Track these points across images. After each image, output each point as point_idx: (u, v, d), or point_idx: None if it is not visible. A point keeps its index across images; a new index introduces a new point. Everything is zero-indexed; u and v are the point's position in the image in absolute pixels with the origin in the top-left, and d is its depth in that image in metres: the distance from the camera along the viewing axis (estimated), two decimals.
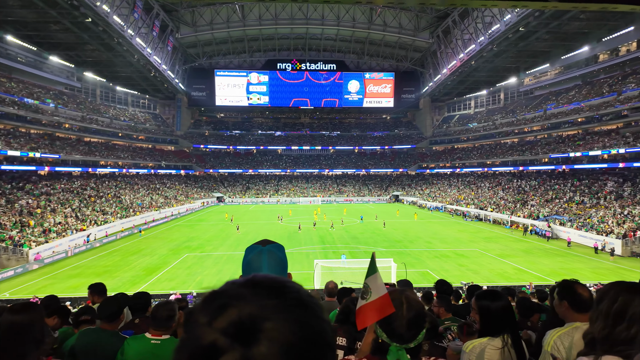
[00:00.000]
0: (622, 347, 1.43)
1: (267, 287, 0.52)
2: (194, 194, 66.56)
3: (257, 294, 0.50)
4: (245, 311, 0.47)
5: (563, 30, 48.46)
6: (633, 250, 28.57)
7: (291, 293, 0.53)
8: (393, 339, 1.47)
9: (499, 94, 74.87)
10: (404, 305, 1.50)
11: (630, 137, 41.63)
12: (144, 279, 23.27)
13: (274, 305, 0.49)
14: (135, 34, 46.09)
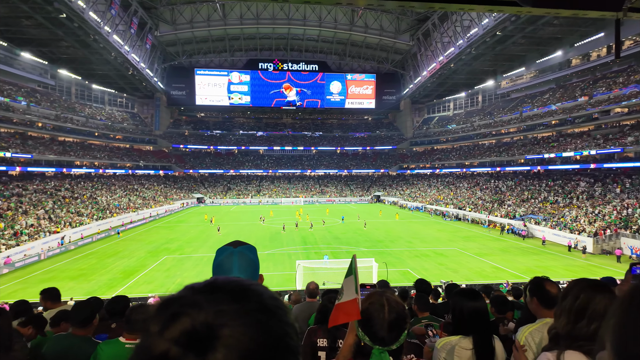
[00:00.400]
0: (583, 343, 1.49)
1: (228, 292, 0.50)
2: (173, 195, 65.36)
3: (215, 300, 0.49)
4: (200, 319, 0.45)
5: (538, 35, 50.06)
6: (603, 248, 29.70)
7: (253, 297, 0.51)
8: (375, 342, 1.46)
9: (477, 96, 76.58)
10: (385, 307, 1.49)
11: (600, 139, 43.27)
12: (122, 282, 22.70)
13: (233, 311, 0.47)
14: (112, 31, 44.95)
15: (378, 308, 1.49)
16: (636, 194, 34.97)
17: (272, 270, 24.45)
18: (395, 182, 78.32)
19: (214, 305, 0.47)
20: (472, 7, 2.71)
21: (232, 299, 0.49)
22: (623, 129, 42.37)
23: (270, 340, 0.48)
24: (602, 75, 50.76)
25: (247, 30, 66.65)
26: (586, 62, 52.73)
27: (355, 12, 63.04)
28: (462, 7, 2.70)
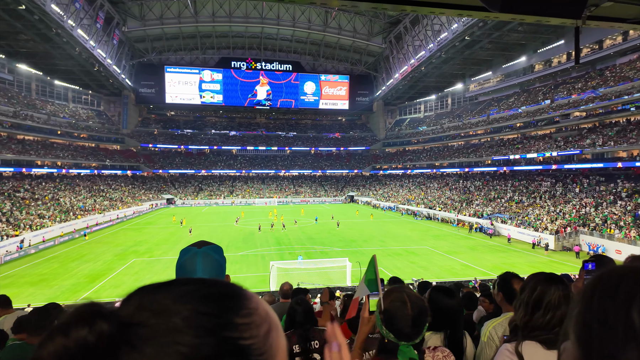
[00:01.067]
0: (539, 333, 1.57)
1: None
2: (141, 196, 63.30)
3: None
4: (79, 335, 0.39)
5: (503, 40, 52.12)
6: (564, 245, 31.26)
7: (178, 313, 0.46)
8: (401, 338, 1.48)
9: (446, 99, 78.72)
10: (407, 304, 1.51)
11: (561, 141, 45.49)
12: (86, 286, 21.77)
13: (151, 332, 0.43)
14: (76, 25, 43.02)
15: (400, 305, 1.52)
16: (593, 194, 37.01)
17: (246, 271, 24.17)
18: (368, 183, 79.25)
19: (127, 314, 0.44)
20: (443, 11, 2.78)
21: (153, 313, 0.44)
22: (581, 132, 44.72)
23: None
24: (563, 81, 53.41)
25: (219, 28, 65.59)
26: (548, 68, 55.33)
27: (329, 13, 63.36)
28: (432, 11, 2.76)
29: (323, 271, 23.77)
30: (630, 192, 33.75)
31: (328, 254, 28.24)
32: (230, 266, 24.70)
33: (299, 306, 2.97)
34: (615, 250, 26.88)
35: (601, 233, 29.92)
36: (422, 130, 76.62)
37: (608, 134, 40.20)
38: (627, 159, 37.01)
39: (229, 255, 24.31)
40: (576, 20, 2.73)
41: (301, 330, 2.88)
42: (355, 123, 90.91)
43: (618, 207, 32.69)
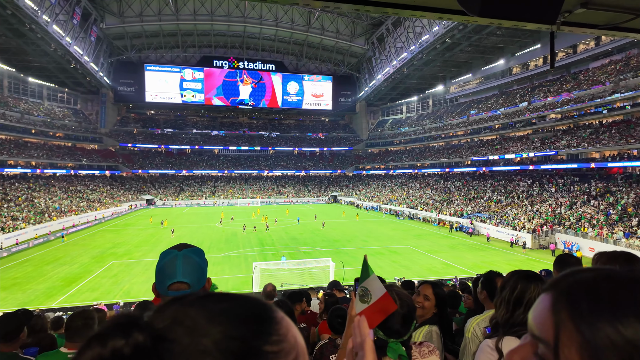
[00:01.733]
0: (519, 328, 1.63)
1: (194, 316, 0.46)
2: (120, 197, 61.84)
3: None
4: (117, 345, 0.40)
5: (483, 44, 53.36)
6: (540, 243, 32.17)
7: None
8: (391, 335, 1.51)
9: (427, 100, 79.90)
10: (397, 302, 1.54)
11: (537, 142, 46.81)
12: (62, 290, 21.12)
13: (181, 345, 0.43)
14: (51, 21, 41.73)
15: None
16: (568, 193, 38.23)
17: (228, 273, 23.92)
18: (351, 183, 79.65)
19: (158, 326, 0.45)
20: (424, 14, 2.83)
21: (188, 328, 0.45)
22: (557, 134, 46.13)
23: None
24: (539, 84, 54.99)
25: (200, 26, 64.75)
26: (525, 71, 56.88)
27: (312, 14, 63.41)
28: (414, 14, 2.81)
29: (306, 271, 23.75)
30: (603, 192, 35.01)
31: (311, 254, 28.24)
32: (213, 267, 24.45)
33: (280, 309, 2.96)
34: (589, 248, 27.84)
35: (575, 231, 30.93)
36: (404, 131, 77.57)
37: (582, 135, 41.61)
38: (599, 159, 38.38)
39: (210, 257, 23.80)
40: (551, 25, 2.82)
41: None
42: (338, 123, 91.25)
43: (591, 206, 33.86)
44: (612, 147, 36.58)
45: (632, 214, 29.76)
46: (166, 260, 1.35)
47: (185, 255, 1.36)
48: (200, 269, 1.38)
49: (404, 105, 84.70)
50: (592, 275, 0.46)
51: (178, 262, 1.33)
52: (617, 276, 0.45)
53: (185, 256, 1.36)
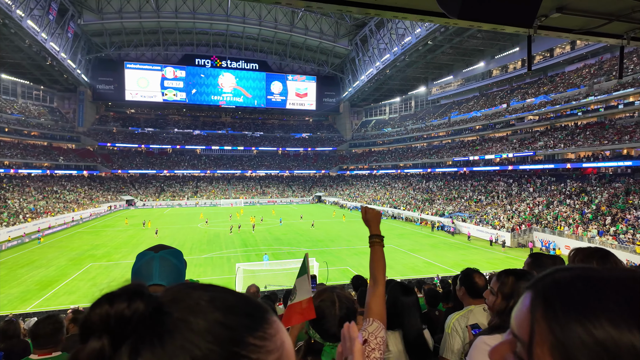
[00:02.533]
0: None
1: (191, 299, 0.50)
2: (99, 197, 60.30)
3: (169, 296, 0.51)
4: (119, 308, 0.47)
5: (463, 46, 54.37)
6: (519, 242, 32.98)
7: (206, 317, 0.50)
8: (327, 338, 1.46)
9: (410, 101, 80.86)
10: (336, 303, 1.50)
11: (516, 143, 47.97)
12: (37, 294, 20.44)
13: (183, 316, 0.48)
14: (26, 16, 40.35)
15: (329, 305, 1.50)
16: (545, 193, 39.31)
17: (211, 274, 23.62)
18: (335, 183, 79.86)
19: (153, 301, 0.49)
20: (405, 16, 2.86)
21: (188, 309, 0.49)
22: (534, 135, 47.38)
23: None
24: (518, 86, 56.38)
25: (182, 24, 63.80)
26: (504, 73, 58.22)
27: (296, 14, 63.32)
28: (396, 15, 2.84)
29: (290, 272, 23.65)
30: (578, 192, 36.15)
31: (295, 255, 28.16)
32: (195, 269, 24.14)
33: None
34: (565, 246, 28.69)
35: (552, 230, 31.84)
36: (387, 131, 78.30)
37: (558, 136, 42.86)
38: (575, 160, 39.62)
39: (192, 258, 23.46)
40: (528, 29, 2.90)
41: None
42: (322, 124, 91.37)
43: (567, 205, 34.91)
44: (586, 148, 37.81)
45: (606, 213, 30.83)
46: (142, 262, 1.32)
47: (162, 257, 1.33)
48: (177, 271, 1.35)
49: (387, 106, 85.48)
50: (569, 275, 0.46)
51: (155, 264, 1.30)
52: (593, 277, 0.45)
53: (162, 258, 1.33)
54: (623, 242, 26.46)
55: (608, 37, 3.33)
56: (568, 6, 2.78)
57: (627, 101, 37.20)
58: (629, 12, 2.86)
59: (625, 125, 36.93)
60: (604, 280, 0.44)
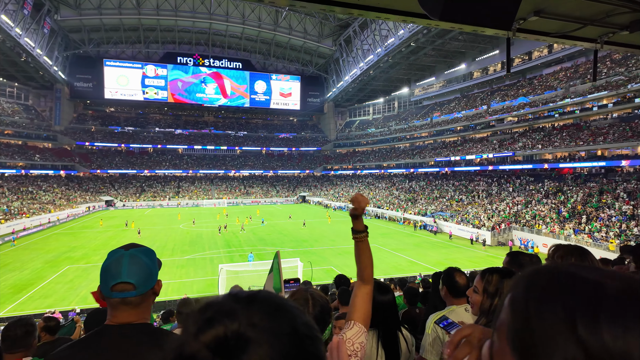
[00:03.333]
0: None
1: (264, 307, 0.51)
2: (77, 198, 58.68)
3: (250, 312, 0.50)
4: (232, 329, 0.47)
5: (445, 48, 55.21)
6: (499, 240, 33.71)
7: (286, 318, 0.52)
8: None
9: (393, 102, 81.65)
10: (309, 302, 1.50)
11: (496, 144, 49.02)
12: (11, 298, 19.75)
13: (265, 329, 0.48)
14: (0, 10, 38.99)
15: (303, 303, 1.49)
16: (524, 192, 40.30)
17: (193, 275, 23.30)
18: (320, 183, 79.91)
19: (248, 317, 0.49)
20: (388, 17, 2.88)
21: (267, 315, 0.50)
22: (514, 136, 48.50)
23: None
24: (498, 88, 57.64)
25: (164, 21, 62.73)
26: (485, 75, 59.44)
27: (280, 13, 63.07)
28: (379, 16, 2.86)
29: None
30: (555, 191, 37.19)
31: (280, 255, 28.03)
32: (176, 270, 23.77)
33: None
34: (543, 244, 29.48)
35: (530, 229, 32.67)
36: (371, 132, 78.87)
37: (536, 137, 44.00)
38: (552, 160, 40.76)
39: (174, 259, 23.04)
40: (507, 31, 2.96)
41: None
42: (306, 124, 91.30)
43: (544, 204, 35.88)
44: (563, 149, 38.94)
45: (581, 212, 31.82)
46: (112, 260, 1.29)
47: (133, 255, 1.30)
48: (148, 270, 1.32)
49: (370, 106, 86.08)
50: (545, 278, 0.47)
51: (124, 262, 1.27)
52: (567, 280, 0.45)
53: (132, 255, 1.30)
54: (597, 240, 27.36)
55: (583, 40, 3.44)
56: (545, 10, 2.85)
57: (601, 103, 38.53)
58: (602, 17, 2.96)
59: (599, 126, 38.20)
60: (570, 275, 0.45)
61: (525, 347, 0.43)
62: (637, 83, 34.89)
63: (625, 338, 0.39)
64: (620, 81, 37.05)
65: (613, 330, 0.39)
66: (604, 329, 0.40)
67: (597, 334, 0.40)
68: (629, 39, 3.40)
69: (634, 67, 37.12)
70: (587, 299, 0.42)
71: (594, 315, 0.41)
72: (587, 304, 0.42)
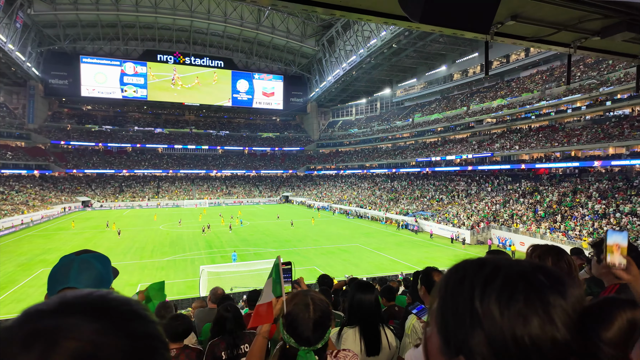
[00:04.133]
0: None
1: (83, 312, 0.45)
2: (52, 199, 56.83)
3: (77, 321, 0.44)
4: (73, 344, 0.41)
5: (426, 50, 56.01)
6: (478, 239, 34.44)
7: (116, 308, 0.48)
8: (301, 343, 1.41)
9: (376, 103, 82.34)
10: (310, 306, 1.45)
11: (475, 145, 50.06)
12: None
13: (99, 329, 0.44)
14: None
15: (303, 308, 1.45)
16: (502, 192, 41.29)
17: (173, 277, 22.90)
18: (303, 183, 79.83)
19: (79, 325, 0.43)
20: (370, 18, 2.91)
21: (94, 316, 0.45)
22: (492, 137, 49.64)
23: (137, 351, 0.46)
24: (477, 90, 58.87)
25: (143, 18, 61.40)
26: (465, 77, 60.61)
27: (262, 12, 62.69)
28: (360, 17, 2.88)
29: (256, 273, 23.39)
30: (531, 191, 38.26)
31: (262, 255, 27.89)
32: (156, 272, 23.34)
33: (228, 313, 2.94)
34: (520, 242, 30.29)
35: (508, 227, 33.50)
36: (354, 132, 79.34)
37: (514, 139, 45.15)
38: (529, 161, 41.90)
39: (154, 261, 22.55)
40: (485, 35, 3.03)
41: (230, 337, 2.85)
42: (289, 123, 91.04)
43: (521, 204, 36.86)
44: (539, 149, 40.09)
45: (556, 211, 32.84)
46: (61, 265, 1.24)
47: (84, 260, 1.25)
48: (99, 276, 1.26)
49: (353, 107, 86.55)
50: (462, 265, 0.56)
51: (73, 267, 1.22)
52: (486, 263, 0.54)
53: (82, 261, 1.25)
54: (571, 238, 28.29)
55: (557, 45, 3.56)
56: (521, 15, 2.94)
57: (575, 106, 39.85)
58: (575, 23, 3.07)
59: (573, 128, 39.50)
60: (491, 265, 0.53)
61: (444, 325, 0.52)
62: (608, 87, 36.26)
63: (510, 310, 0.46)
64: (592, 84, 38.44)
65: (498, 304, 0.47)
66: (491, 302, 0.48)
67: (488, 309, 0.47)
68: (600, 44, 3.54)
69: (605, 72, 38.56)
70: (485, 279, 0.50)
71: (486, 290, 0.49)
72: (484, 281, 0.50)
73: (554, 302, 0.47)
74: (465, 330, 0.48)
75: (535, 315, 0.46)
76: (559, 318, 0.46)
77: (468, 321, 0.48)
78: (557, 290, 0.48)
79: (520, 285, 0.48)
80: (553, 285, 0.49)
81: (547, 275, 0.50)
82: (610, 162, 33.73)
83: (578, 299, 0.49)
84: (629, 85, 33.91)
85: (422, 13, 2.01)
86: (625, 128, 33.58)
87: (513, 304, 0.47)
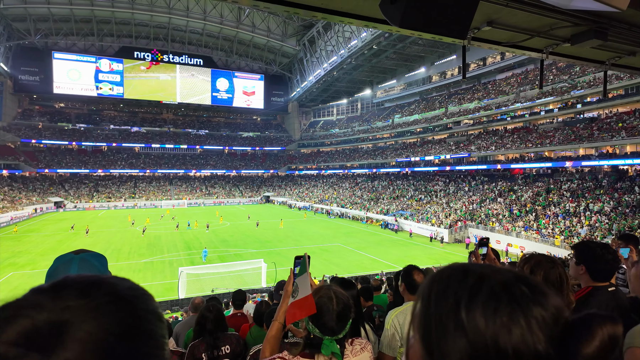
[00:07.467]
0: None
1: (75, 288, 0.48)
2: (22, 199, 54.62)
3: (60, 298, 0.47)
4: (42, 318, 0.44)
5: (406, 52, 56.84)
6: (456, 238, 35.19)
7: (103, 289, 0.49)
8: (325, 332, 1.53)
9: (356, 103, 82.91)
10: (333, 299, 1.57)
11: (453, 145, 51.09)
12: None
13: (81, 306, 0.46)
14: None
15: (327, 301, 1.57)
16: (478, 191, 42.31)
17: (151, 280, 22.43)
18: (284, 183, 79.53)
19: (59, 303, 0.46)
20: (351, 21, 2.95)
21: (80, 294, 0.48)
22: (469, 138, 50.78)
23: (126, 328, 0.47)
24: (455, 92, 60.09)
25: (119, 14, 59.81)
26: (443, 79, 61.77)
27: (242, 10, 62.15)
28: (342, 20, 2.92)
29: (237, 274, 23.19)
30: (507, 190, 39.35)
31: (243, 256, 27.66)
32: (133, 275, 22.77)
33: (210, 313, 2.94)
34: (496, 241, 31.08)
35: (485, 226, 34.36)
36: (335, 132, 79.63)
37: (490, 139, 46.34)
38: (504, 161, 43.09)
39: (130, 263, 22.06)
40: (463, 39, 3.12)
41: (210, 338, 2.85)
42: (270, 123, 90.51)
43: (498, 203, 37.87)
44: (514, 150, 41.29)
45: (530, 210, 33.89)
46: (59, 264, 1.22)
47: (84, 259, 1.24)
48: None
49: (334, 107, 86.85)
50: (446, 273, 0.56)
51: (73, 266, 1.21)
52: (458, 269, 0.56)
53: (82, 260, 1.23)
54: (545, 236, 29.26)
55: (530, 50, 3.69)
56: (497, 21, 3.04)
57: (548, 108, 41.25)
58: (547, 30, 3.20)
59: (546, 130, 40.85)
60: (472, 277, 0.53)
61: (427, 332, 0.51)
62: (578, 90, 37.72)
63: (495, 321, 0.47)
64: (564, 88, 39.88)
65: (484, 315, 0.48)
66: (477, 313, 0.48)
67: (472, 318, 0.48)
68: (570, 50, 3.69)
69: (576, 76, 40.08)
70: (470, 288, 0.51)
71: (472, 301, 0.49)
72: (469, 292, 0.50)
73: (536, 314, 0.48)
74: (447, 341, 0.48)
75: (518, 327, 0.47)
76: (540, 329, 0.47)
77: (452, 331, 0.48)
78: (539, 302, 0.49)
79: (504, 297, 0.49)
80: (535, 297, 0.50)
81: (529, 286, 0.51)
82: (580, 162, 35.04)
83: (559, 310, 0.50)
84: (598, 89, 35.39)
85: (401, 17, 2.05)
86: (594, 130, 34.99)
87: (499, 316, 0.47)
